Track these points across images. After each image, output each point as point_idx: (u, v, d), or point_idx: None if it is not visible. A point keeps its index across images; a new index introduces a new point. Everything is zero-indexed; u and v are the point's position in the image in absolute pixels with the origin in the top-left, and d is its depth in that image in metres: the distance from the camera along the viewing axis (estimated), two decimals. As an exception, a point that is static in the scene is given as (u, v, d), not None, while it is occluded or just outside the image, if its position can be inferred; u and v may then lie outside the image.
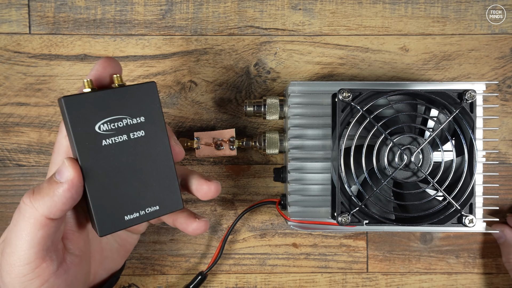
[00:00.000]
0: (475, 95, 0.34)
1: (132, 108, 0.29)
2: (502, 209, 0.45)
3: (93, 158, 0.28)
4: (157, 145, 0.30)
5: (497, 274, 0.45)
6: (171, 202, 0.31)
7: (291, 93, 0.39)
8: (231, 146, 0.42)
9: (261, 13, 0.44)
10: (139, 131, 0.29)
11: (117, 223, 0.29)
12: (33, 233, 0.26)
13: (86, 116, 0.28)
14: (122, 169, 0.29)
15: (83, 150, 0.27)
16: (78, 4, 0.43)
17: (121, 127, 0.29)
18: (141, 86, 0.30)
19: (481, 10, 0.44)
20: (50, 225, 0.27)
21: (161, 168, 0.30)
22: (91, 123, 0.28)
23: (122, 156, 0.28)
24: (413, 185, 0.36)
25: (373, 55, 0.44)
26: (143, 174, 0.29)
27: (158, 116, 0.30)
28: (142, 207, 0.29)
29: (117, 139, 0.28)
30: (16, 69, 0.43)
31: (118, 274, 0.37)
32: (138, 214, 0.29)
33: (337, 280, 0.45)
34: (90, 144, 0.28)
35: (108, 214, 0.28)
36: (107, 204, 0.28)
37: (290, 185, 0.39)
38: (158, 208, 0.30)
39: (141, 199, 0.29)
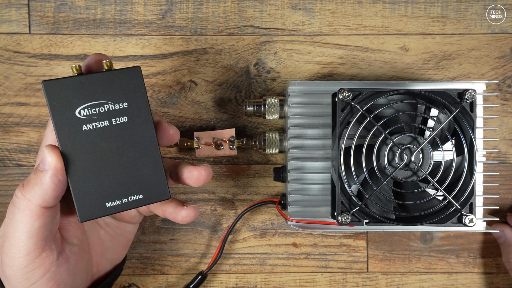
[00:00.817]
0: (475, 95, 0.34)
1: (115, 93, 0.28)
2: (502, 208, 0.45)
3: (72, 143, 0.27)
4: (141, 132, 0.29)
5: (497, 274, 0.45)
6: (156, 192, 0.30)
7: (291, 93, 0.39)
8: (231, 146, 0.42)
9: (261, 13, 0.44)
10: (122, 117, 0.29)
11: (98, 210, 0.28)
12: (30, 224, 0.27)
13: (67, 100, 0.27)
14: (104, 155, 0.28)
15: (63, 135, 0.27)
16: (78, 4, 0.44)
17: (103, 112, 0.28)
18: (126, 71, 0.29)
19: (481, 10, 0.44)
20: (45, 214, 0.27)
21: (146, 155, 0.29)
22: (72, 108, 0.27)
23: (103, 142, 0.28)
24: (413, 185, 0.36)
25: (373, 55, 0.44)
26: (127, 162, 0.29)
27: (143, 101, 0.29)
28: (125, 195, 0.29)
29: (98, 124, 0.28)
30: (16, 69, 0.43)
31: (121, 266, 0.38)
32: (120, 201, 0.29)
33: (337, 280, 0.45)
34: (70, 129, 0.27)
35: (88, 200, 0.28)
36: (88, 190, 0.28)
37: (290, 185, 0.38)
38: (142, 196, 0.29)
39: (124, 186, 0.29)
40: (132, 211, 0.35)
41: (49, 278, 0.28)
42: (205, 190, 0.45)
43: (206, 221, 0.45)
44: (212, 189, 0.45)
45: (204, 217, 0.45)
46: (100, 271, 0.35)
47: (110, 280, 0.36)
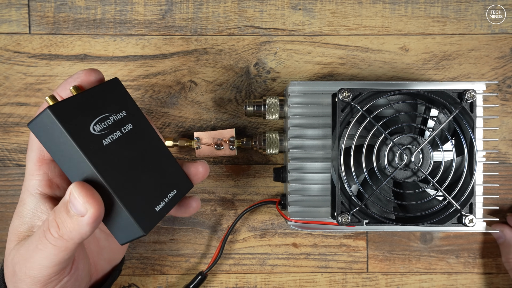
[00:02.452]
0: (475, 95, 0.34)
1: (111, 104, 0.28)
2: (502, 208, 0.45)
3: (103, 161, 0.26)
4: (147, 134, 0.30)
5: (497, 274, 0.45)
6: (183, 184, 0.30)
7: (291, 93, 0.39)
8: (231, 146, 0.42)
9: (261, 13, 0.44)
10: (127, 124, 0.29)
11: (153, 216, 0.27)
12: (61, 256, 0.27)
13: (77, 120, 0.26)
14: (130, 164, 0.28)
15: (91, 156, 0.26)
16: (78, 4, 0.43)
17: (111, 124, 0.28)
18: (108, 83, 0.29)
19: (481, 10, 0.44)
20: (78, 247, 0.28)
21: (160, 154, 0.30)
22: (85, 126, 0.26)
23: (125, 152, 0.28)
24: (413, 185, 0.36)
25: (373, 55, 0.44)
26: (149, 165, 0.29)
27: (135, 107, 0.30)
28: (164, 195, 0.29)
29: (113, 136, 0.28)
30: (16, 69, 0.43)
31: (120, 267, 0.37)
32: (164, 202, 0.28)
33: (337, 280, 0.45)
34: (94, 147, 0.26)
35: (142, 211, 0.27)
36: (136, 201, 0.27)
37: (290, 185, 0.38)
38: (176, 192, 0.29)
39: (159, 188, 0.29)
40: None
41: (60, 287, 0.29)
42: (205, 190, 0.45)
43: (206, 221, 0.45)
44: (212, 189, 0.45)
45: (204, 217, 0.45)
46: (98, 271, 0.35)
47: (110, 281, 0.36)
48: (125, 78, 0.44)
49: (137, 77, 0.44)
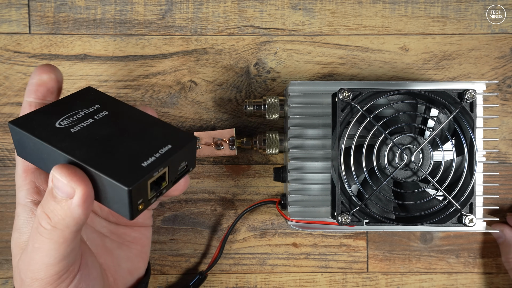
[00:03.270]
0: (475, 95, 0.34)
1: (81, 104, 0.28)
2: (502, 208, 0.45)
3: (71, 144, 0.25)
4: (127, 113, 0.29)
5: (497, 274, 0.45)
6: (180, 138, 0.28)
7: (291, 93, 0.39)
8: (231, 146, 0.42)
9: (261, 13, 0.44)
10: (101, 113, 0.28)
11: (138, 172, 0.25)
12: (63, 249, 0.25)
13: (41, 122, 0.26)
14: (107, 139, 0.26)
15: (56, 142, 0.25)
16: (78, 4, 0.43)
17: (81, 117, 0.28)
18: (79, 92, 0.29)
19: (481, 10, 0.44)
20: (78, 234, 0.26)
21: (145, 123, 0.28)
22: (50, 124, 0.26)
23: (99, 131, 0.27)
24: (413, 185, 0.36)
25: (373, 55, 0.44)
26: (131, 133, 0.27)
27: (111, 99, 0.29)
28: (154, 151, 0.26)
29: (84, 124, 0.27)
30: (16, 69, 0.43)
31: (146, 280, 0.36)
32: (154, 157, 0.26)
33: (337, 280, 0.45)
34: (60, 136, 0.26)
35: (123, 170, 0.25)
36: (114, 165, 0.25)
37: (290, 185, 0.38)
38: (170, 146, 0.27)
39: (148, 146, 0.27)
40: None
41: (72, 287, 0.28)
42: (205, 190, 0.45)
43: (206, 221, 0.45)
44: (212, 189, 0.45)
45: (204, 217, 0.45)
46: (119, 284, 0.33)
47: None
48: (125, 78, 0.44)
49: (137, 77, 0.44)
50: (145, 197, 0.26)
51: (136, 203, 0.25)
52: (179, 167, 0.28)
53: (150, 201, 0.27)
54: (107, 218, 0.34)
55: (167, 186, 0.28)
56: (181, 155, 0.28)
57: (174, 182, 0.29)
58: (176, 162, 0.28)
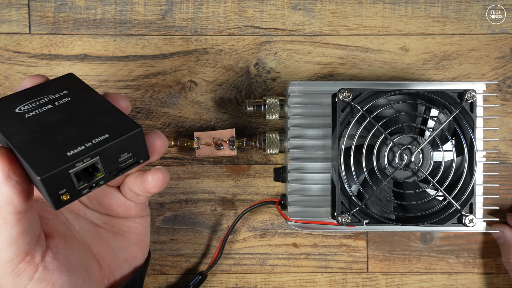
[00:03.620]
0: (475, 95, 0.34)
1: (52, 89, 0.29)
2: (502, 209, 0.45)
3: (16, 129, 0.26)
4: (86, 100, 0.28)
5: (497, 274, 0.45)
6: (123, 128, 0.27)
7: (291, 93, 0.39)
8: (231, 146, 0.42)
9: (261, 13, 0.44)
10: (64, 99, 0.28)
11: (58, 161, 0.24)
12: (7, 233, 0.25)
13: (4, 108, 0.27)
14: (52, 125, 0.26)
15: (5, 128, 0.26)
16: (78, 4, 0.43)
17: (43, 102, 0.28)
18: (59, 78, 0.30)
19: (481, 10, 0.44)
20: (22, 219, 0.26)
21: (100, 111, 0.28)
22: (10, 109, 0.27)
23: (49, 118, 0.27)
24: (413, 185, 0.36)
25: (373, 55, 0.44)
26: (78, 121, 0.27)
27: (81, 85, 0.29)
28: (87, 140, 0.26)
29: (40, 109, 0.27)
30: (16, 69, 0.43)
31: (142, 270, 0.36)
32: (83, 146, 0.25)
33: (337, 280, 0.45)
34: (11, 121, 0.26)
35: (44, 157, 0.24)
36: (41, 151, 0.25)
37: (290, 185, 0.38)
38: (107, 136, 0.26)
39: (83, 135, 0.26)
40: (120, 199, 0.34)
41: (39, 279, 0.27)
42: (205, 190, 0.45)
43: (206, 221, 0.45)
44: (212, 189, 0.45)
45: (204, 217, 0.45)
46: (116, 273, 0.33)
47: (129, 283, 0.34)
48: (125, 78, 0.44)
49: (137, 77, 0.44)
50: (70, 188, 0.25)
51: (55, 193, 0.24)
52: (120, 158, 0.27)
53: (80, 192, 0.26)
54: (98, 210, 0.34)
55: (105, 178, 0.27)
56: (118, 146, 0.27)
57: (118, 174, 0.28)
58: (113, 153, 0.27)
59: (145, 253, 0.36)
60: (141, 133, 0.27)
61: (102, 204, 0.34)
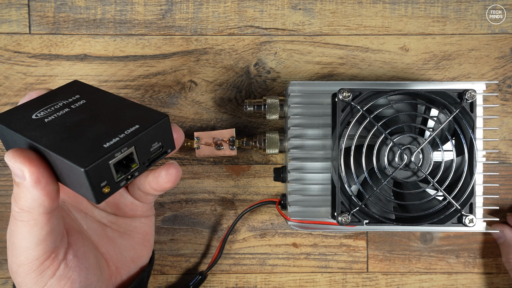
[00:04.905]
0: (475, 95, 0.34)
1: (62, 96, 0.29)
2: (502, 208, 0.45)
3: (40, 132, 0.26)
4: (103, 100, 0.29)
5: (497, 274, 0.45)
6: (150, 118, 0.27)
7: (291, 93, 0.39)
8: (231, 146, 0.42)
9: (261, 13, 0.44)
10: (79, 102, 0.29)
11: (98, 152, 0.24)
12: (37, 232, 0.26)
13: (19, 116, 0.27)
14: (76, 125, 0.26)
15: (27, 132, 0.26)
16: (78, 4, 0.43)
17: (58, 107, 0.28)
18: (65, 86, 0.30)
19: (481, 10, 0.44)
20: (51, 219, 0.26)
21: (118, 107, 0.28)
22: (27, 117, 0.27)
23: (71, 119, 0.27)
24: (413, 185, 0.36)
25: (373, 55, 0.44)
26: (102, 118, 0.27)
27: (92, 88, 0.30)
28: (120, 132, 0.26)
29: (59, 113, 0.27)
30: (16, 69, 0.43)
31: (149, 268, 0.36)
32: (117, 138, 0.26)
33: (337, 280, 0.45)
34: (32, 126, 0.26)
35: (82, 151, 0.24)
36: (74, 148, 0.25)
37: (290, 185, 0.38)
38: (138, 126, 0.26)
39: (114, 128, 0.26)
40: (127, 199, 0.34)
41: (60, 276, 0.28)
42: (205, 190, 0.45)
43: (206, 221, 0.45)
44: (212, 189, 0.45)
45: (204, 217, 0.45)
46: (123, 273, 0.34)
47: (137, 283, 0.34)
48: (125, 78, 0.44)
49: (137, 77, 0.44)
50: (110, 180, 0.25)
51: (98, 185, 0.25)
52: (151, 148, 0.28)
53: (118, 184, 0.26)
54: (105, 209, 0.34)
55: (139, 169, 0.27)
56: (150, 135, 0.27)
57: (150, 164, 0.28)
58: (145, 143, 0.27)
59: (150, 252, 0.36)
60: (168, 122, 0.28)
61: (110, 203, 0.34)
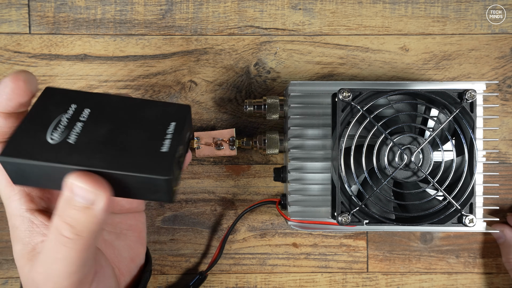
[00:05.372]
0: (475, 95, 0.34)
1: (55, 109, 0.26)
2: (502, 208, 0.45)
3: (79, 155, 0.24)
4: (110, 104, 0.27)
5: (497, 274, 0.45)
6: (178, 109, 0.28)
7: (291, 93, 0.39)
8: (231, 146, 0.42)
9: (261, 13, 0.44)
10: (83, 112, 0.27)
11: (165, 159, 0.25)
12: (85, 256, 0.25)
13: (33, 145, 0.24)
14: (109, 137, 0.26)
15: (65, 160, 0.24)
16: (78, 4, 0.43)
17: (66, 124, 0.26)
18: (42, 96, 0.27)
19: (481, 10, 0.44)
20: (96, 240, 0.25)
21: (135, 108, 0.27)
22: (42, 143, 0.24)
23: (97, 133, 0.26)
24: (413, 185, 0.36)
25: (373, 55, 0.44)
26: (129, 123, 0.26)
27: (83, 94, 0.27)
28: (163, 133, 0.26)
29: (76, 130, 0.25)
30: (16, 69, 0.43)
31: (149, 267, 0.36)
32: (168, 139, 0.26)
33: (337, 280, 0.45)
34: (64, 152, 0.24)
35: (148, 161, 0.24)
36: (136, 158, 0.24)
37: (290, 185, 0.38)
38: (175, 123, 0.27)
39: (154, 131, 0.26)
40: None
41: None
42: (205, 190, 0.45)
43: (206, 221, 0.45)
44: (212, 189, 0.45)
45: (204, 217, 0.45)
46: (126, 275, 0.33)
47: (144, 283, 0.34)
48: (125, 78, 0.44)
49: (137, 77, 0.44)
50: (175, 178, 0.26)
51: (172, 187, 0.25)
52: (187, 138, 0.29)
53: (178, 179, 0.27)
54: None
55: (183, 159, 0.29)
56: (187, 127, 0.28)
57: (186, 152, 0.29)
58: (185, 135, 0.28)
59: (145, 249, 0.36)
60: (190, 110, 0.29)
61: None
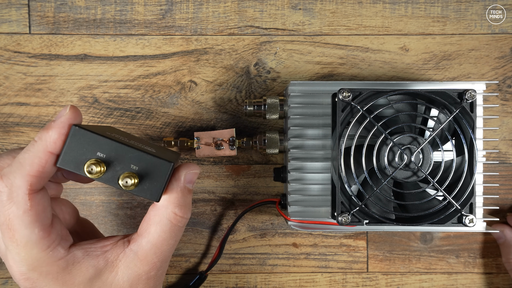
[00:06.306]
0: (475, 95, 0.34)
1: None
2: (502, 208, 0.45)
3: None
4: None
5: (497, 274, 0.45)
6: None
7: (291, 93, 0.39)
8: (231, 146, 0.42)
9: (261, 13, 0.44)
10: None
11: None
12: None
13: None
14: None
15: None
16: (78, 4, 0.43)
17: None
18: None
19: (481, 10, 0.44)
20: None
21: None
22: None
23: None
24: (413, 185, 0.36)
25: (373, 55, 0.44)
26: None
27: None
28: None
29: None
30: (16, 69, 0.43)
31: None
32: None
33: (337, 280, 0.45)
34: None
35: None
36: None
37: (290, 185, 0.38)
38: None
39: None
40: None
41: None
42: (205, 190, 0.45)
43: (206, 221, 0.45)
44: (212, 189, 0.45)
45: (204, 217, 0.45)
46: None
47: None
48: (125, 78, 0.44)
49: (137, 77, 0.44)
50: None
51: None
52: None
53: None
54: None
55: None
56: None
57: None
58: None
59: None
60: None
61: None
